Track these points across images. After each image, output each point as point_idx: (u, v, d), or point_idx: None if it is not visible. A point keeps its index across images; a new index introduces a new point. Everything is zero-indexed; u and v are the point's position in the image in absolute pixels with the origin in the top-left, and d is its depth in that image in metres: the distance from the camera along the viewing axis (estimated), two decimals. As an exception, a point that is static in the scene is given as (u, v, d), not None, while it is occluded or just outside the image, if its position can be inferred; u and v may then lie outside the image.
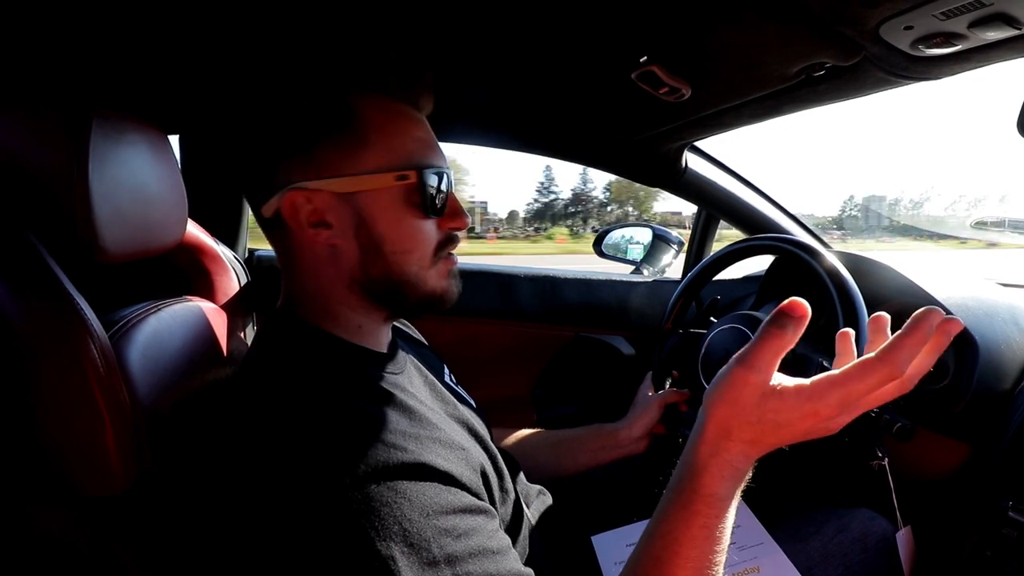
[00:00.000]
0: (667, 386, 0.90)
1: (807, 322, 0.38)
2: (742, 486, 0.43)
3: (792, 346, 0.38)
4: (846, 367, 0.38)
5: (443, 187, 0.53)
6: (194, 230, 0.76)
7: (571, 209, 49.97)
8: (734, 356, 0.40)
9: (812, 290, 0.99)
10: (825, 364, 0.74)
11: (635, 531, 0.68)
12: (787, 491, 0.87)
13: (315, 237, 0.51)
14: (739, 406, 0.39)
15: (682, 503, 0.42)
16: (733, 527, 0.69)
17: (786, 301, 0.38)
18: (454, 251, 0.57)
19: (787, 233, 1.28)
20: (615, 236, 1.61)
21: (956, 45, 0.58)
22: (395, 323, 0.73)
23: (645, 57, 0.72)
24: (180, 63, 0.78)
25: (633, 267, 1.53)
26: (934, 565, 0.76)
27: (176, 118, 1.00)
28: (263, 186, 0.51)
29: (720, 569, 0.42)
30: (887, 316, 0.45)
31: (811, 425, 0.39)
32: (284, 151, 0.50)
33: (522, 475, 0.72)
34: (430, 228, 0.54)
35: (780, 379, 0.40)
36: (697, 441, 0.42)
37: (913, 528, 0.75)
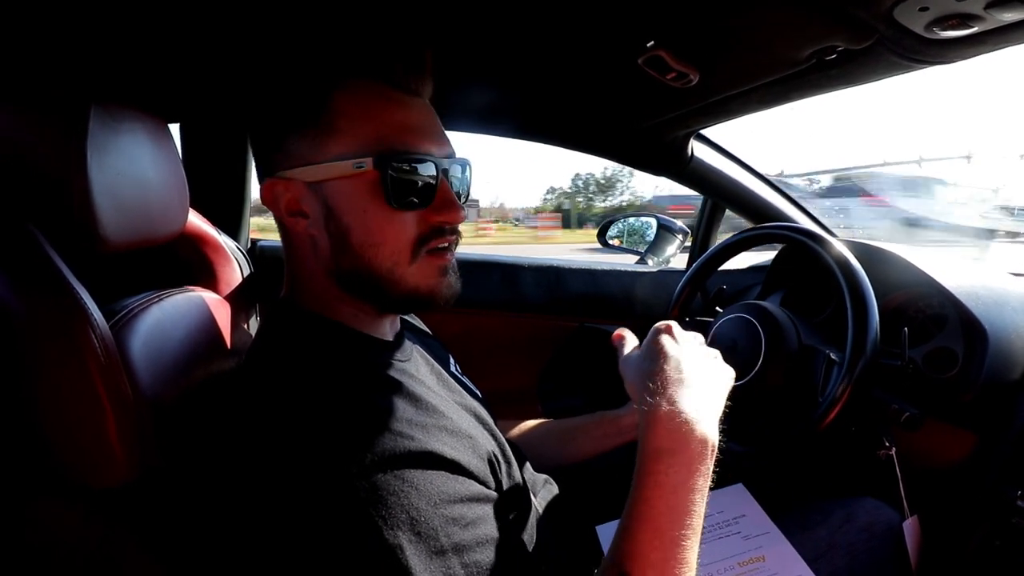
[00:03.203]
0: None
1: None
2: (705, 453, 0.45)
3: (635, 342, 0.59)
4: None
5: (424, 176, 0.49)
6: (196, 220, 0.76)
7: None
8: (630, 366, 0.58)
9: (819, 279, 0.99)
10: (833, 357, 0.73)
11: None
12: (793, 480, 0.87)
13: (295, 226, 0.52)
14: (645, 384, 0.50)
15: (638, 472, 0.45)
16: (738, 516, 0.70)
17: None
18: (446, 245, 0.53)
19: (793, 222, 1.26)
20: (619, 226, 1.60)
21: (972, 27, 0.57)
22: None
23: (652, 42, 0.71)
24: (179, 53, 0.77)
25: (638, 257, 1.52)
26: (941, 554, 0.76)
27: (177, 106, 0.99)
28: (260, 173, 0.54)
29: (693, 534, 0.43)
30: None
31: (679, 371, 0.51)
32: (267, 141, 0.52)
33: (528, 464, 0.71)
34: (404, 221, 0.50)
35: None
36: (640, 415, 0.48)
37: (920, 518, 0.74)
